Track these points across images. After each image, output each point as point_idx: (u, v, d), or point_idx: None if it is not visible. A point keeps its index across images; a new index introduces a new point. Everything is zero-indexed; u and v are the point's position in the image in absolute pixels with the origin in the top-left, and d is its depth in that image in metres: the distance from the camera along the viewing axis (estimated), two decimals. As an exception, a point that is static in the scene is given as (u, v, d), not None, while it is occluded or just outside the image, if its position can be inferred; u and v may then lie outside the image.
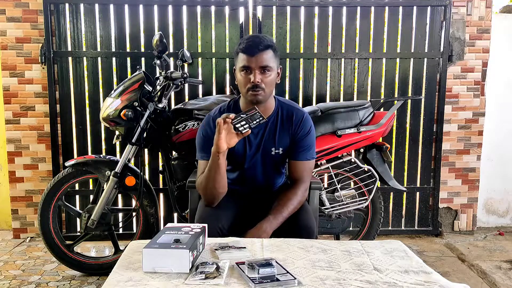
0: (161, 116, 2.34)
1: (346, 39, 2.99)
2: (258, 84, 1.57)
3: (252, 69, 1.57)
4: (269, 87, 1.62)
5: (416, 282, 1.12)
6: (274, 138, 1.70)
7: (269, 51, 1.59)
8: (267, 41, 1.59)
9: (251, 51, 1.56)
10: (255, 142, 1.72)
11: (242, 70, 1.60)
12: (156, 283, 1.09)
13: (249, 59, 1.57)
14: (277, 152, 1.72)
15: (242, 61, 1.59)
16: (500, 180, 3.30)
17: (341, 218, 2.41)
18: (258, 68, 1.57)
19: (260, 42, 1.57)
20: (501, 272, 2.46)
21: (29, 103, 2.93)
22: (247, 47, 1.57)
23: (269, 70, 1.59)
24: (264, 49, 1.57)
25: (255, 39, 1.59)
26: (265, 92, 1.60)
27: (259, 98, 1.60)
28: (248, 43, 1.58)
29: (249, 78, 1.58)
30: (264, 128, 1.71)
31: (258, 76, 1.57)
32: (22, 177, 2.97)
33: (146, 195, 2.39)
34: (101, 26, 2.89)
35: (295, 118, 1.70)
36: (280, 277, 1.10)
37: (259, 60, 1.57)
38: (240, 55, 1.60)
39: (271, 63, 1.59)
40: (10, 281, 2.35)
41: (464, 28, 3.03)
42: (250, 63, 1.57)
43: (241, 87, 1.63)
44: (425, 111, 3.07)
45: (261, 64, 1.57)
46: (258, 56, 1.56)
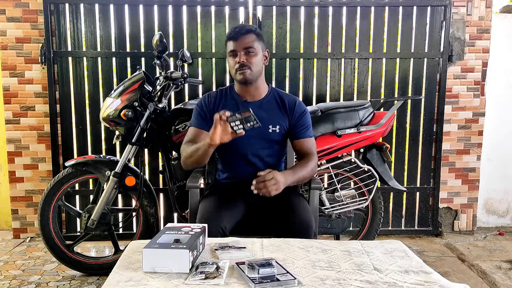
0: (161, 116, 2.33)
1: (346, 39, 2.99)
2: (243, 63, 1.73)
3: (237, 51, 1.75)
4: (255, 67, 1.76)
5: (416, 282, 1.12)
6: (272, 116, 1.82)
7: (251, 35, 1.76)
8: (248, 26, 1.81)
9: (234, 36, 1.75)
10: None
11: (230, 55, 1.78)
12: (156, 283, 1.09)
13: (234, 43, 1.75)
14: (274, 130, 1.81)
15: (229, 47, 1.77)
16: (500, 180, 3.30)
17: (341, 218, 2.41)
18: (242, 49, 1.74)
19: (242, 27, 1.78)
20: (501, 272, 2.46)
21: (29, 103, 2.93)
22: (232, 34, 1.76)
23: (253, 52, 1.75)
24: (246, 33, 1.75)
25: (239, 26, 1.80)
26: (252, 71, 1.76)
27: (247, 76, 1.75)
28: (234, 30, 1.77)
29: (236, 60, 1.75)
30: (259, 107, 1.80)
31: (243, 56, 1.74)
32: (22, 177, 2.97)
33: (146, 195, 2.39)
34: (101, 26, 2.89)
35: (288, 102, 1.85)
36: (280, 277, 1.10)
37: (242, 42, 1.74)
38: (228, 43, 1.78)
39: (254, 45, 1.75)
40: (10, 281, 2.36)
41: (464, 28, 3.03)
42: (235, 47, 1.75)
43: (231, 70, 1.80)
44: (425, 111, 3.07)
45: (244, 46, 1.74)
46: (241, 39, 1.74)
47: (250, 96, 1.83)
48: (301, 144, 1.83)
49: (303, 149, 1.83)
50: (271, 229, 1.65)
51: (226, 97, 1.87)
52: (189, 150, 1.73)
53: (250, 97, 1.84)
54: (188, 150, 1.74)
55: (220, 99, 1.86)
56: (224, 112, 1.53)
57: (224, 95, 1.88)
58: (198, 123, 1.83)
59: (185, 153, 1.76)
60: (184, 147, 1.79)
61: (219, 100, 1.86)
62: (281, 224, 1.62)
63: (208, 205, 1.71)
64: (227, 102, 1.85)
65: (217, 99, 1.86)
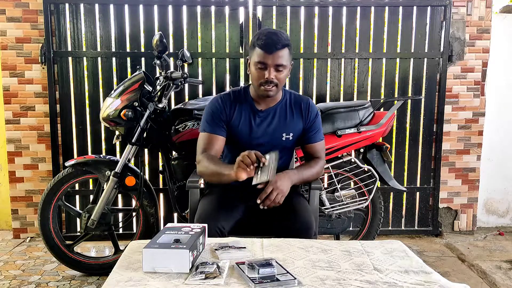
0: (161, 116, 2.33)
1: (346, 39, 2.99)
2: (272, 80, 1.63)
3: (267, 66, 1.62)
4: (282, 83, 1.69)
5: (416, 282, 1.12)
6: (285, 123, 1.77)
7: (286, 49, 1.63)
8: (284, 40, 1.62)
9: (268, 49, 1.60)
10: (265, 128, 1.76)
11: (257, 65, 1.64)
12: (156, 283, 1.09)
13: (265, 56, 1.61)
14: (287, 138, 1.77)
15: (259, 57, 1.62)
16: (500, 180, 3.30)
17: (341, 218, 2.41)
18: (274, 65, 1.62)
19: (278, 40, 1.60)
20: (501, 272, 2.46)
21: (29, 103, 2.93)
22: (265, 44, 1.60)
23: (284, 68, 1.65)
24: (281, 48, 1.61)
25: (273, 36, 1.61)
26: (277, 88, 1.68)
27: (271, 94, 1.68)
28: (267, 40, 1.60)
29: (263, 74, 1.63)
30: (273, 114, 1.76)
31: (273, 73, 1.63)
32: (22, 177, 2.97)
33: (146, 195, 2.39)
34: (101, 26, 2.89)
35: (303, 104, 1.79)
36: (280, 277, 1.10)
37: (275, 58, 1.61)
38: (257, 50, 1.63)
39: (285, 61, 1.64)
40: (10, 281, 2.36)
41: (464, 28, 3.03)
42: (266, 60, 1.61)
43: (254, 80, 1.69)
44: (425, 111, 3.07)
45: (276, 63, 1.62)
46: (275, 55, 1.61)
47: (266, 103, 1.77)
48: (311, 148, 1.82)
49: (312, 153, 1.83)
50: (271, 229, 1.65)
51: (241, 102, 1.77)
52: (211, 169, 1.62)
53: (265, 105, 1.77)
54: (210, 168, 1.63)
55: (235, 103, 1.77)
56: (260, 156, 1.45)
57: (238, 99, 1.78)
58: (212, 128, 1.74)
59: (205, 169, 1.66)
60: (203, 159, 1.68)
61: (234, 105, 1.76)
62: (281, 224, 1.62)
63: (207, 205, 1.71)
64: (242, 109, 1.76)
65: (232, 103, 1.76)
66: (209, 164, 1.64)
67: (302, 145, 1.84)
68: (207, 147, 1.72)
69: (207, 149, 1.72)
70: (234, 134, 1.76)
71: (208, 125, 1.75)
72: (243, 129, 1.75)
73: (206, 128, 1.75)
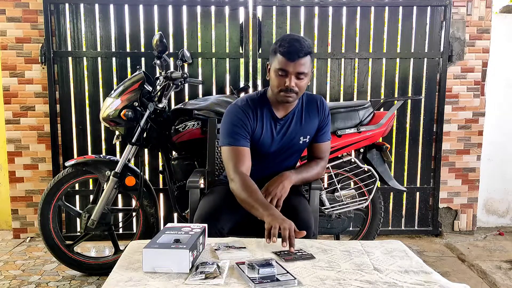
0: (161, 116, 2.34)
1: (346, 39, 2.99)
2: (292, 88, 1.60)
3: (289, 73, 1.59)
4: (302, 91, 1.66)
5: (416, 282, 1.12)
6: (301, 126, 1.77)
7: (308, 57, 1.60)
8: (307, 48, 1.59)
9: (291, 57, 1.57)
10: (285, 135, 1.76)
11: (278, 71, 1.60)
12: (156, 283, 1.09)
13: (287, 63, 1.58)
14: (304, 141, 1.78)
15: (280, 64, 1.59)
16: (500, 180, 3.30)
17: (341, 218, 2.41)
18: (295, 73, 1.59)
19: (301, 48, 1.57)
20: (501, 272, 2.46)
21: (29, 103, 2.93)
22: (288, 51, 1.57)
23: (305, 76, 1.62)
24: (303, 56, 1.58)
25: (296, 43, 1.58)
26: (297, 96, 1.66)
27: (290, 100, 1.65)
28: (290, 47, 1.57)
29: (284, 81, 1.60)
30: (291, 120, 1.75)
31: (294, 81, 1.60)
32: (22, 177, 2.97)
33: (146, 195, 2.39)
34: (101, 26, 2.89)
35: (317, 103, 1.78)
36: (280, 277, 1.10)
37: (297, 66, 1.58)
38: (278, 56, 1.60)
39: (307, 69, 1.61)
40: (10, 281, 2.36)
41: (464, 28, 3.03)
42: (288, 68, 1.58)
43: (274, 86, 1.65)
44: (425, 111, 3.07)
45: (298, 70, 1.59)
46: (297, 62, 1.57)
47: (284, 109, 1.74)
48: (317, 147, 1.82)
49: (317, 153, 1.83)
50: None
51: (262, 110, 1.72)
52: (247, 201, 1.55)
53: (284, 111, 1.74)
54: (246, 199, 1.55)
55: (256, 112, 1.72)
56: (290, 248, 1.30)
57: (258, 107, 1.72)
58: (238, 141, 1.67)
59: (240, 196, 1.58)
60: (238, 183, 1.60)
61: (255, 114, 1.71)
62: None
63: (207, 205, 1.71)
64: (264, 118, 1.72)
65: (253, 112, 1.71)
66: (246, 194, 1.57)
67: (310, 144, 1.83)
68: (238, 163, 1.65)
69: (238, 165, 1.65)
70: (255, 143, 1.73)
71: (231, 138, 1.68)
72: (265, 139, 1.73)
73: (230, 141, 1.68)
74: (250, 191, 1.57)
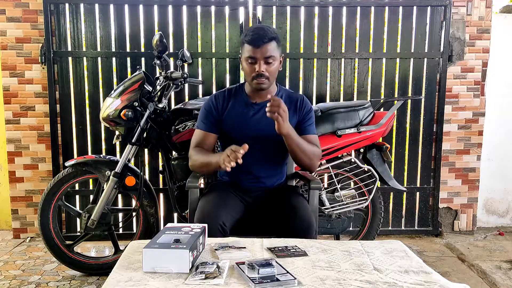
0: (161, 116, 2.33)
1: (346, 39, 2.99)
2: (262, 73, 1.69)
3: (257, 59, 1.69)
4: (273, 76, 1.75)
5: (416, 282, 1.12)
6: None
7: (273, 42, 1.70)
8: (271, 33, 1.70)
9: (256, 43, 1.67)
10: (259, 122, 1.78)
11: (248, 60, 1.71)
12: (156, 283, 1.09)
13: (254, 50, 1.68)
14: None
15: (248, 52, 1.70)
16: (500, 180, 3.30)
17: (341, 218, 2.41)
18: (263, 58, 1.68)
19: (265, 34, 1.68)
20: (501, 272, 2.46)
21: (29, 103, 2.93)
22: (253, 39, 1.68)
23: (273, 60, 1.71)
24: (268, 41, 1.68)
25: (260, 31, 1.69)
26: (269, 81, 1.74)
27: (263, 86, 1.74)
28: (254, 35, 1.68)
29: (254, 68, 1.70)
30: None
31: (263, 65, 1.69)
32: (22, 177, 2.97)
33: (146, 195, 2.39)
34: (101, 26, 2.89)
35: (295, 100, 1.84)
36: (280, 277, 1.10)
37: (263, 51, 1.68)
38: (246, 46, 1.71)
39: (274, 53, 1.70)
40: (10, 281, 2.35)
41: (464, 28, 3.03)
42: (255, 54, 1.68)
43: (247, 75, 1.76)
44: (425, 111, 3.07)
45: (265, 55, 1.68)
46: (263, 48, 1.67)
47: (260, 98, 1.82)
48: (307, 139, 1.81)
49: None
50: (271, 229, 1.65)
51: (236, 97, 1.85)
52: (200, 160, 1.73)
53: (260, 99, 1.82)
54: (199, 160, 1.74)
55: (228, 99, 1.85)
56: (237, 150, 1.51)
57: (233, 95, 1.86)
58: (205, 126, 1.82)
59: (195, 161, 1.76)
60: (193, 153, 1.78)
61: (227, 101, 1.85)
62: (282, 224, 1.62)
63: (207, 203, 1.71)
64: (236, 103, 1.83)
65: (226, 99, 1.85)
66: (198, 156, 1.75)
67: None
68: (199, 143, 1.81)
69: (198, 145, 1.81)
70: (228, 127, 1.82)
71: (202, 122, 1.83)
72: (236, 122, 1.80)
73: (200, 125, 1.84)
74: (202, 153, 1.74)
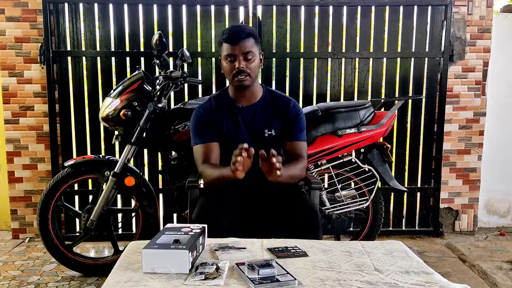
0: (160, 116, 2.32)
1: (346, 38, 2.99)
2: (243, 69, 1.69)
3: (236, 56, 1.69)
4: (253, 72, 1.73)
5: (416, 283, 1.11)
6: (266, 119, 1.80)
7: (251, 39, 1.70)
8: (248, 30, 1.72)
9: (234, 40, 1.68)
10: (247, 125, 1.79)
11: (227, 58, 1.71)
12: (155, 283, 1.08)
13: (232, 48, 1.69)
14: (270, 134, 1.79)
15: (226, 50, 1.70)
16: (501, 180, 3.29)
17: (342, 219, 2.40)
18: (242, 55, 1.69)
19: (241, 31, 1.70)
20: (502, 272, 2.45)
21: (28, 103, 2.92)
22: (230, 36, 1.69)
23: (252, 56, 1.71)
24: (245, 37, 1.69)
25: (237, 28, 1.72)
26: (251, 77, 1.73)
27: (245, 83, 1.73)
28: (230, 33, 1.70)
29: (233, 65, 1.70)
30: (254, 111, 1.79)
31: (243, 62, 1.69)
32: (21, 177, 2.96)
33: (146, 195, 2.38)
34: (101, 25, 2.88)
35: (283, 103, 1.82)
36: (280, 278, 1.09)
37: (242, 47, 1.68)
38: (224, 45, 1.72)
39: (253, 49, 1.71)
40: (9, 282, 2.35)
41: (465, 28, 3.02)
42: (233, 51, 1.69)
43: (227, 75, 1.75)
44: (426, 111, 3.06)
45: (244, 51, 1.69)
46: (241, 44, 1.68)
47: (246, 100, 1.81)
48: (293, 146, 1.80)
49: (294, 152, 1.80)
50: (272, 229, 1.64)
51: (222, 103, 1.83)
52: (213, 176, 1.68)
53: (246, 101, 1.82)
54: (212, 175, 1.68)
55: (216, 106, 1.83)
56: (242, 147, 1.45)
57: (219, 102, 1.84)
58: (203, 138, 1.78)
59: (208, 177, 1.71)
60: (204, 170, 1.73)
61: (215, 108, 1.82)
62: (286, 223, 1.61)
63: (207, 203, 1.71)
64: (224, 109, 1.82)
65: (213, 107, 1.83)
66: (210, 172, 1.70)
67: (283, 143, 1.82)
68: (205, 158, 1.76)
69: (205, 160, 1.76)
70: (221, 135, 1.80)
71: (199, 136, 1.79)
72: (229, 130, 1.79)
73: (197, 140, 1.79)
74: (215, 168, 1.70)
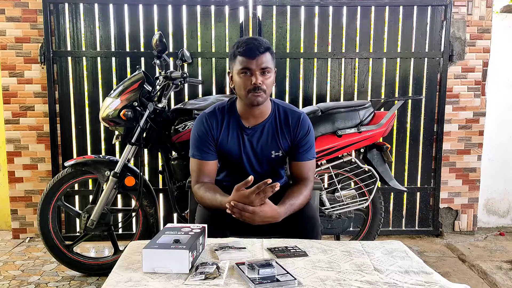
0: (160, 116, 2.33)
1: (346, 38, 2.99)
2: (259, 85, 1.57)
3: (253, 71, 1.58)
4: (269, 89, 1.63)
5: (416, 283, 1.11)
6: (274, 140, 1.71)
7: (268, 53, 1.60)
8: (265, 44, 1.60)
9: (252, 54, 1.57)
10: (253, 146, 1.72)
11: (242, 72, 1.59)
12: (155, 283, 1.08)
13: (249, 61, 1.57)
14: (277, 155, 1.73)
15: (242, 63, 1.58)
16: (500, 180, 3.29)
17: (342, 219, 2.41)
18: (259, 70, 1.58)
19: (260, 45, 1.58)
20: (502, 272, 2.45)
21: (28, 103, 2.92)
22: (248, 49, 1.57)
23: (269, 72, 1.60)
24: (264, 51, 1.58)
25: (254, 41, 1.59)
26: (266, 94, 1.62)
27: (260, 100, 1.61)
28: (248, 45, 1.58)
29: (250, 80, 1.58)
30: (261, 132, 1.71)
31: (260, 77, 1.58)
32: (21, 177, 2.96)
33: (146, 195, 2.38)
34: (101, 25, 2.88)
35: (291, 120, 1.71)
36: (280, 278, 1.09)
37: (259, 62, 1.57)
38: (239, 58, 1.60)
39: (270, 64, 1.60)
40: (9, 282, 2.35)
41: (464, 28, 3.02)
42: (251, 65, 1.57)
43: (241, 90, 1.62)
44: (426, 111, 3.06)
45: (262, 66, 1.58)
46: (258, 59, 1.57)
47: (254, 119, 1.70)
48: (299, 166, 1.72)
49: (300, 173, 1.73)
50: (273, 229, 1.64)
51: (229, 119, 1.71)
52: (206, 199, 1.61)
53: (254, 120, 1.70)
54: (204, 198, 1.61)
55: (222, 120, 1.71)
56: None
57: (225, 116, 1.71)
58: (201, 154, 1.69)
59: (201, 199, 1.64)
60: (198, 190, 1.65)
61: (221, 122, 1.71)
62: (286, 223, 1.61)
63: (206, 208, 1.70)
64: (230, 124, 1.70)
65: (219, 120, 1.70)
66: (203, 194, 1.63)
67: (290, 162, 1.76)
68: (200, 175, 1.69)
69: (200, 177, 1.69)
70: (224, 152, 1.72)
71: (197, 150, 1.70)
72: (232, 147, 1.71)
73: (195, 154, 1.71)
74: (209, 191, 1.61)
